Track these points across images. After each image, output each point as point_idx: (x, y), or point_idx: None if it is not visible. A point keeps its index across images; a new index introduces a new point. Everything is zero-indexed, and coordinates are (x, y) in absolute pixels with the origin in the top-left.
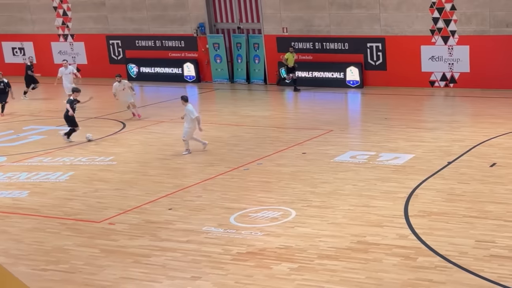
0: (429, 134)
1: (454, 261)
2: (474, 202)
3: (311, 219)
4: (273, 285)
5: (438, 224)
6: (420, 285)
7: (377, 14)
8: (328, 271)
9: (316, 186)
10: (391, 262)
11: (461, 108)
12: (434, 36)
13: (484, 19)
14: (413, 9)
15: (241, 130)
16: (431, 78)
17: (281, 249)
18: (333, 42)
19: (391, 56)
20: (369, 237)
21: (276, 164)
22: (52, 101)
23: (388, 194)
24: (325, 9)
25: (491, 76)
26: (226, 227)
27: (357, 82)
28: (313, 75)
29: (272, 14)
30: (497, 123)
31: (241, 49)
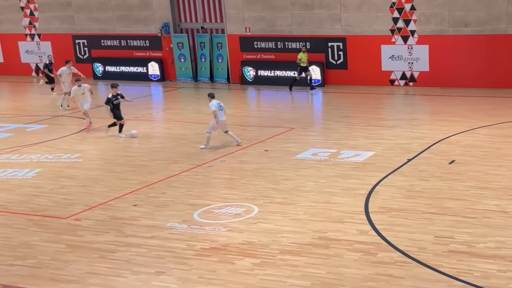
0: (389, 132)
1: (414, 257)
2: (433, 198)
3: (273, 215)
4: (236, 280)
5: (398, 220)
6: (380, 280)
7: (338, 14)
8: (290, 266)
9: (278, 183)
10: (352, 258)
11: (420, 106)
12: (394, 36)
13: (443, 19)
14: (374, 9)
15: (204, 128)
16: (391, 77)
17: (244, 245)
18: (295, 41)
19: (352, 55)
20: (330, 233)
21: (239, 161)
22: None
23: (348, 191)
24: (287, 9)
25: (450, 75)
26: (190, 223)
27: (318, 81)
28: (275, 74)
29: (235, 14)
30: (455, 121)
31: (204, 49)
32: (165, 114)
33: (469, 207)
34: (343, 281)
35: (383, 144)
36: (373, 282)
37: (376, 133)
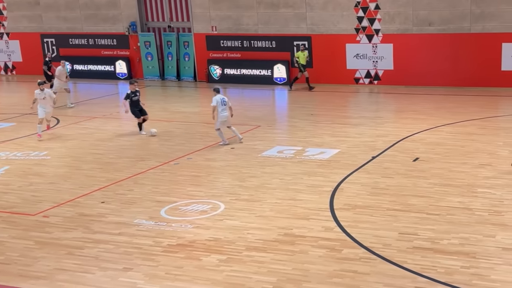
0: (354, 129)
1: (378, 253)
2: (398, 195)
3: (240, 212)
4: (203, 276)
5: (363, 217)
6: (345, 276)
7: (303, 13)
8: (256, 263)
9: (244, 180)
10: (317, 254)
11: (385, 104)
12: (359, 35)
13: (407, 18)
14: (339, 8)
15: (171, 125)
16: (356, 75)
17: (210, 241)
18: (260, 40)
19: (317, 54)
20: (295, 230)
21: (205, 159)
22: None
23: (314, 188)
24: (253, 8)
25: (414, 73)
26: (157, 220)
27: (284, 79)
28: (241, 72)
29: (202, 13)
30: (420, 119)
31: (171, 47)
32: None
33: (433, 204)
34: (308, 277)
35: (348, 141)
36: (338, 278)
37: (341, 131)
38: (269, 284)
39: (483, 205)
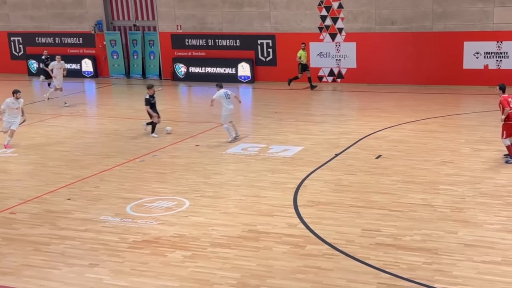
0: (317, 127)
1: (341, 249)
2: (361, 192)
3: (204, 209)
4: (168, 272)
5: (326, 213)
6: (309, 272)
7: (267, 12)
8: (221, 259)
9: (209, 177)
10: (281, 250)
11: (348, 102)
12: (322, 33)
13: (370, 17)
14: (302, 7)
15: (137, 123)
16: (319, 74)
17: (175, 238)
18: (225, 39)
19: (281, 52)
20: (259, 226)
21: (170, 156)
22: None
23: (278, 185)
24: (217, 7)
25: (376, 72)
26: (123, 217)
27: (248, 77)
28: (206, 70)
29: (167, 12)
30: (382, 117)
31: (137, 46)
32: (99, 109)
33: (395, 201)
34: (272, 273)
35: (311, 139)
36: (301, 274)
37: (305, 128)
38: (233, 279)
39: (445, 202)
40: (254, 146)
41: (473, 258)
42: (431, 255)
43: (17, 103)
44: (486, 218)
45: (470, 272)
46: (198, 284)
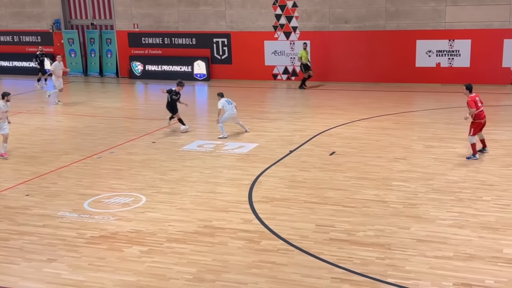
0: (272, 124)
1: (296, 244)
2: (315, 188)
3: (161, 205)
4: (125, 267)
5: (281, 209)
6: (264, 267)
7: (223, 11)
8: (177, 254)
9: (165, 173)
10: (236, 245)
11: (302, 100)
12: (277, 32)
13: (323, 16)
14: (257, 6)
15: (94, 120)
16: (274, 72)
17: (132, 233)
18: (181, 37)
19: (236, 50)
20: (215, 222)
21: (127, 153)
22: None
23: (233, 181)
24: (173, 6)
25: (330, 70)
26: (80, 212)
27: (204, 75)
28: (163, 68)
29: (124, 11)
30: (336, 114)
31: (94, 44)
32: (56, 107)
33: (349, 197)
34: (227, 268)
35: (266, 136)
36: (256, 269)
37: (260, 125)
38: (189, 274)
39: (397, 197)
40: (209, 143)
41: (425, 253)
42: (384, 250)
43: (6, 107)
44: (438, 214)
45: (423, 267)
46: (155, 279)
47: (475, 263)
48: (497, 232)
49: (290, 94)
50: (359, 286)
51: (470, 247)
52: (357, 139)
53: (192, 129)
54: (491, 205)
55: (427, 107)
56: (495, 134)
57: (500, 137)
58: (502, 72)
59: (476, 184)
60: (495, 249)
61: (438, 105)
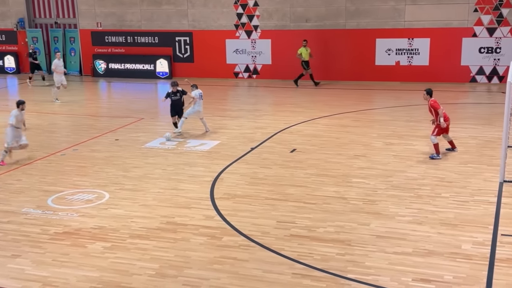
0: (234, 122)
1: (257, 240)
2: (276, 185)
3: (124, 201)
4: (88, 263)
5: (242, 206)
6: (225, 262)
7: (185, 10)
8: (140, 250)
9: (128, 170)
10: (198, 242)
11: (263, 98)
12: (238, 31)
13: (284, 15)
14: (219, 5)
15: (58, 118)
16: (236, 70)
17: (96, 229)
18: (144, 36)
19: (198, 49)
20: (177, 218)
21: (90, 150)
22: None
23: (195, 178)
24: (136, 5)
25: (291, 68)
26: (44, 209)
27: (166, 73)
28: (125, 67)
29: (87, 10)
30: (297, 112)
31: (58, 43)
32: None
33: (309, 194)
34: (190, 263)
35: (228, 133)
36: (218, 265)
37: (221, 123)
38: (152, 270)
39: (357, 194)
40: (172, 140)
41: (385, 249)
42: (344, 246)
43: (21, 115)
44: (398, 210)
45: (382, 263)
46: (118, 275)
47: (434, 259)
48: (455, 229)
49: (251, 92)
50: (320, 282)
51: (429, 243)
52: (318, 136)
53: (155, 126)
54: (450, 202)
55: (387, 105)
56: (453, 132)
57: (459, 134)
58: (460, 71)
59: (435, 181)
60: (453, 245)
61: (397, 103)
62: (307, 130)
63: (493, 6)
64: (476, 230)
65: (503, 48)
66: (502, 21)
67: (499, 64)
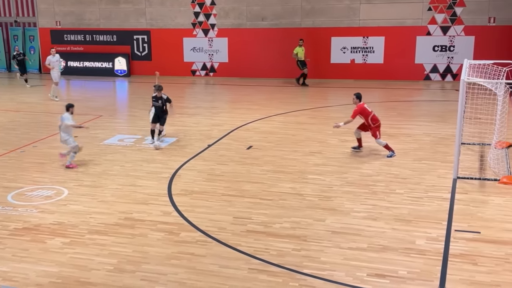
0: (191, 119)
1: (214, 236)
2: (232, 181)
3: (83, 197)
4: (47, 258)
5: (199, 202)
6: (183, 258)
7: (143, 8)
8: (98, 245)
9: (87, 167)
10: (156, 237)
11: (220, 95)
12: (196, 29)
13: (241, 13)
14: (176, 4)
15: (18, 115)
16: (193, 68)
17: (55, 225)
18: (102, 34)
19: (156, 47)
20: (135, 214)
21: (49, 147)
22: None
23: (153, 174)
24: (95, 4)
25: (248, 66)
26: (4, 205)
27: (124, 71)
28: (84, 65)
29: (46, 8)
30: (253, 109)
31: (17, 41)
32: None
33: (266, 190)
34: (147, 259)
35: (185, 130)
36: (176, 260)
37: (179, 120)
38: (110, 265)
39: (313, 190)
40: (130, 137)
41: (340, 245)
42: (300, 241)
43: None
44: (353, 206)
45: (337, 258)
46: (77, 270)
47: (389, 254)
48: (409, 224)
49: (208, 90)
50: (276, 277)
51: (383, 238)
52: (274, 133)
53: (113, 124)
54: (404, 198)
55: (342, 102)
56: (408, 129)
57: (413, 131)
58: (415, 68)
59: (389, 178)
60: (407, 240)
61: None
62: (264, 127)
63: (446, 5)
64: (430, 226)
65: (457, 47)
66: (456, 19)
67: (452, 62)
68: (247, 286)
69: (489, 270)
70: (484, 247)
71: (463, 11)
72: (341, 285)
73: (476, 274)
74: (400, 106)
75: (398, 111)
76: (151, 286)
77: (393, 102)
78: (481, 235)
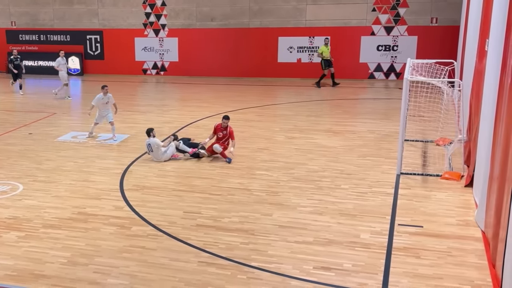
0: (142, 116)
1: (165, 230)
2: (183, 177)
3: (37, 193)
4: (3, 252)
5: (150, 197)
6: (134, 251)
7: (95, 9)
8: (52, 239)
9: (41, 163)
10: (108, 231)
11: (171, 93)
12: (147, 29)
13: (191, 14)
14: (128, 5)
15: None
16: (144, 67)
17: (10, 220)
18: (56, 34)
19: (108, 47)
20: (88, 209)
21: (5, 144)
22: None
23: (105, 170)
24: (49, 4)
25: (197, 65)
26: None
27: (78, 70)
28: (39, 64)
29: (2, 9)
30: (202, 107)
31: None
32: None
33: (215, 185)
34: (100, 252)
35: (137, 127)
36: (127, 253)
37: (130, 118)
38: (64, 258)
39: (261, 186)
40: (83, 134)
41: (287, 239)
42: (248, 235)
43: (106, 98)
44: (300, 201)
45: (284, 252)
46: (31, 263)
47: (334, 248)
48: (354, 219)
49: (159, 88)
50: (225, 270)
51: (329, 232)
52: None
53: (67, 121)
54: (349, 193)
55: (289, 100)
56: (353, 126)
57: (358, 128)
58: (360, 67)
59: (335, 173)
60: (352, 234)
61: (299, 98)
62: (213, 124)
63: (390, 5)
64: (374, 220)
65: (400, 46)
66: (399, 20)
67: (396, 62)
68: (197, 279)
69: (432, 263)
70: (426, 241)
71: (406, 11)
72: (288, 278)
73: (419, 267)
74: (345, 104)
75: (343, 108)
76: (104, 279)
77: (339, 100)
78: (424, 229)
